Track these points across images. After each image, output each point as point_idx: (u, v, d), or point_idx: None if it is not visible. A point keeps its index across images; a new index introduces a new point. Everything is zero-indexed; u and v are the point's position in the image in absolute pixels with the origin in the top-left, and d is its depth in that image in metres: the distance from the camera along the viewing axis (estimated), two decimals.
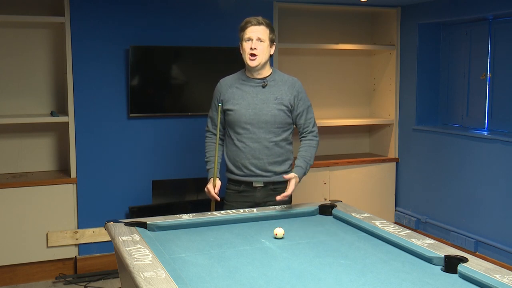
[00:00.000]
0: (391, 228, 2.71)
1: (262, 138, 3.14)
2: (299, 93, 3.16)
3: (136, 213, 4.34)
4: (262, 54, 3.05)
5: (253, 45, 3.02)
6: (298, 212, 3.10)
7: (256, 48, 3.02)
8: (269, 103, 3.11)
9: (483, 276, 2.08)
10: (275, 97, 3.12)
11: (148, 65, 4.44)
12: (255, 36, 3.03)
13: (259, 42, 3.03)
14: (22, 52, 4.38)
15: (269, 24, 3.08)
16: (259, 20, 3.05)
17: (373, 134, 5.66)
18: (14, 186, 4.13)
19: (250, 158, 3.16)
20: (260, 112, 3.11)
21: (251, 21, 3.04)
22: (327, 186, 5.06)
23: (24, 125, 4.39)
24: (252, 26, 3.03)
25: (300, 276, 2.21)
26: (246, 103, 3.13)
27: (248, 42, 3.04)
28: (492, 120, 4.63)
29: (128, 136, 4.44)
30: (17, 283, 4.21)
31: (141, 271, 2.09)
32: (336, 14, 5.37)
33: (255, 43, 3.02)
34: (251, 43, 3.02)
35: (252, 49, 3.02)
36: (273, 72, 3.19)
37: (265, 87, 3.13)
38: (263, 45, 3.04)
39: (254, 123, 3.12)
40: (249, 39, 3.03)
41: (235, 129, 3.18)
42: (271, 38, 3.09)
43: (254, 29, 3.03)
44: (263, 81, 3.14)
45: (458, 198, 4.71)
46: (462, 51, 4.88)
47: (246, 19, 3.08)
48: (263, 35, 3.03)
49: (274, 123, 3.13)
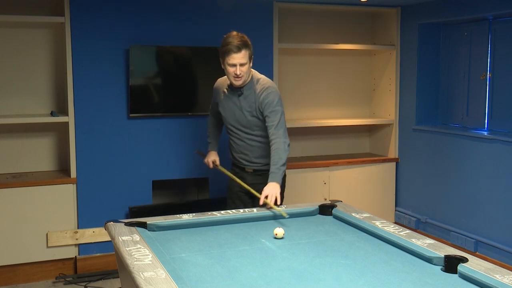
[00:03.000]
0: (391, 228, 2.71)
1: (244, 138, 3.53)
2: (263, 99, 3.37)
3: (136, 213, 4.34)
4: (245, 75, 3.35)
5: (237, 71, 3.29)
6: (298, 212, 3.11)
7: (240, 72, 3.30)
8: (244, 111, 3.46)
9: (483, 276, 2.08)
10: (248, 105, 3.44)
11: (148, 65, 4.44)
12: (237, 62, 3.28)
13: (242, 66, 3.30)
14: (22, 52, 4.38)
15: (246, 43, 3.31)
16: (238, 45, 3.26)
17: (373, 134, 5.66)
18: (14, 186, 4.12)
19: (238, 153, 3.61)
20: (239, 117, 3.49)
21: (232, 49, 3.25)
22: (327, 186, 5.06)
23: (24, 125, 4.39)
24: (233, 53, 3.26)
25: (300, 276, 2.21)
26: (229, 109, 3.52)
27: (232, 67, 3.30)
28: (492, 120, 4.63)
29: (128, 136, 4.44)
30: (17, 283, 4.21)
31: (141, 271, 2.09)
32: (336, 14, 5.37)
33: (239, 69, 3.29)
34: (235, 69, 3.29)
35: (238, 74, 3.30)
36: (250, 80, 3.44)
37: (241, 96, 3.44)
38: (245, 67, 3.32)
39: (237, 126, 3.53)
40: (233, 65, 3.29)
41: (227, 128, 3.63)
42: (250, 56, 3.35)
43: (236, 56, 3.27)
44: (240, 91, 3.44)
45: (458, 198, 4.71)
46: (462, 51, 4.88)
47: (227, 45, 3.27)
48: (244, 59, 3.29)
49: (251, 126, 3.48)
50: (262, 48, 4.75)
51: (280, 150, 3.30)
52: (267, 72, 4.74)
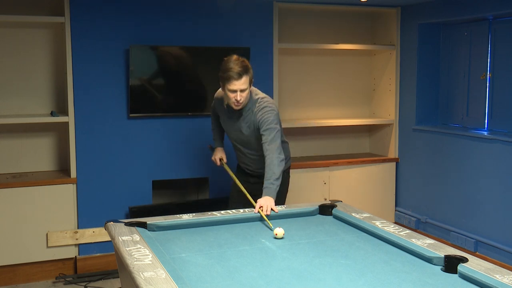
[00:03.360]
0: (391, 228, 2.71)
1: (246, 152, 3.61)
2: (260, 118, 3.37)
3: (136, 213, 4.34)
4: (245, 100, 3.34)
5: (237, 97, 3.28)
6: (298, 212, 3.11)
7: (240, 98, 3.29)
8: (243, 130, 3.48)
9: (483, 276, 2.08)
10: (246, 125, 3.46)
11: (148, 65, 4.44)
12: (238, 88, 3.26)
13: (242, 92, 3.28)
14: (22, 52, 4.38)
15: (247, 68, 3.28)
16: (239, 72, 3.24)
17: (373, 134, 5.66)
18: (14, 186, 4.12)
19: (241, 161, 3.73)
20: (240, 135, 3.53)
21: (232, 76, 3.23)
22: (327, 186, 5.06)
23: (24, 125, 4.39)
24: (234, 80, 3.24)
25: (300, 276, 2.21)
26: (230, 126, 3.57)
27: (233, 93, 3.28)
28: (492, 120, 4.63)
29: (128, 136, 4.44)
30: (17, 283, 4.21)
31: (141, 271, 2.09)
32: (336, 14, 5.37)
33: (239, 95, 3.28)
34: (235, 95, 3.28)
35: (238, 100, 3.30)
36: (250, 100, 3.41)
37: (240, 118, 3.46)
38: (245, 92, 3.31)
39: (238, 142, 3.59)
40: (234, 91, 3.28)
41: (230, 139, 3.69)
42: (251, 80, 3.33)
43: (237, 83, 3.25)
44: (239, 112, 3.44)
45: (458, 198, 4.71)
46: (462, 51, 4.88)
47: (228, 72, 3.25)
48: (245, 85, 3.27)
49: (252, 143, 3.52)
50: (262, 48, 4.75)
51: (273, 165, 3.26)
52: (267, 72, 4.77)
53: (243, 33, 4.70)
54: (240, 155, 3.68)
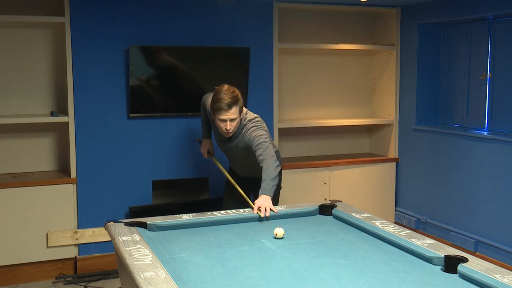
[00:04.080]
0: (391, 228, 2.71)
1: (237, 161, 3.73)
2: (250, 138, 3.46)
3: (136, 213, 4.34)
4: (235, 128, 3.47)
5: (228, 126, 3.42)
6: (298, 212, 3.11)
7: (230, 128, 3.43)
8: (234, 149, 3.61)
9: (483, 276, 2.08)
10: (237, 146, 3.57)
11: (148, 65, 4.44)
12: (228, 118, 3.40)
13: (232, 121, 3.42)
14: (22, 52, 4.38)
15: (236, 99, 3.39)
16: (229, 103, 3.35)
17: (373, 134, 5.66)
18: (14, 186, 4.12)
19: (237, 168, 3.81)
20: (229, 150, 3.66)
21: (222, 107, 3.36)
22: (327, 186, 5.06)
23: (24, 125, 4.39)
24: (224, 111, 3.37)
25: (300, 276, 2.21)
26: (220, 141, 3.69)
27: (223, 123, 3.42)
28: (492, 120, 4.63)
29: (128, 136, 4.44)
30: (17, 283, 4.21)
31: (141, 271, 2.09)
32: (336, 14, 5.37)
33: (229, 124, 3.42)
34: (225, 124, 3.42)
35: (228, 129, 3.43)
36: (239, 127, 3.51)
37: (230, 139, 3.57)
38: (235, 121, 3.44)
39: (230, 155, 3.71)
40: (224, 121, 3.41)
41: None
42: (240, 109, 3.45)
43: (226, 114, 3.38)
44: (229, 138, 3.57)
45: (458, 198, 4.71)
46: (462, 51, 4.88)
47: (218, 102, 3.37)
48: (234, 115, 3.41)
49: (245, 158, 3.61)
50: (262, 48, 4.75)
51: (269, 169, 3.30)
52: (267, 72, 4.77)
53: (243, 33, 4.70)
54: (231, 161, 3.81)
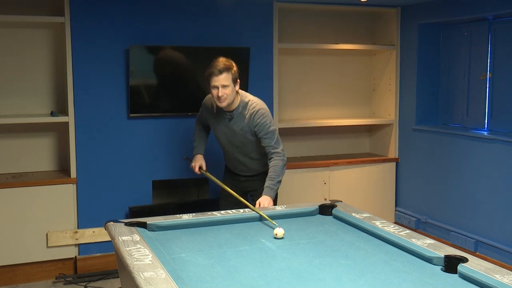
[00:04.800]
0: (391, 228, 2.71)
1: (238, 155, 3.67)
2: (257, 124, 3.50)
3: (136, 213, 4.34)
4: (228, 96, 3.44)
5: (219, 93, 3.41)
6: (298, 212, 3.11)
7: (223, 94, 3.41)
8: (236, 133, 3.57)
9: (483, 276, 2.08)
10: (240, 128, 3.54)
11: (148, 65, 4.44)
12: (219, 84, 3.40)
13: (224, 88, 3.41)
14: (22, 52, 4.38)
15: (230, 67, 3.43)
16: (220, 69, 3.40)
17: (373, 134, 5.66)
18: (14, 186, 4.12)
19: (233, 167, 3.77)
20: (231, 139, 3.61)
21: (213, 72, 3.41)
22: (327, 186, 5.06)
23: (24, 125, 4.39)
24: (215, 76, 3.40)
25: (300, 276, 2.21)
26: (220, 130, 3.64)
27: (215, 89, 3.42)
28: (492, 120, 4.63)
29: (128, 136, 4.44)
30: (17, 283, 4.21)
31: (141, 271, 2.09)
32: (336, 14, 5.37)
33: (221, 90, 3.41)
34: (217, 91, 3.41)
35: (220, 96, 3.41)
36: (239, 103, 3.53)
37: (231, 121, 3.54)
38: (228, 89, 3.42)
39: (229, 146, 3.65)
40: (216, 87, 3.41)
41: (219, 144, 3.74)
42: (234, 79, 3.45)
43: (217, 79, 3.40)
44: (230, 114, 3.54)
45: (458, 198, 4.71)
46: (462, 51, 4.88)
47: (210, 69, 3.43)
48: (226, 81, 3.40)
49: (244, 146, 3.61)
50: (262, 48, 4.75)
51: (278, 168, 3.44)
52: (267, 72, 4.77)
53: (243, 33, 4.70)
54: (231, 158, 3.74)
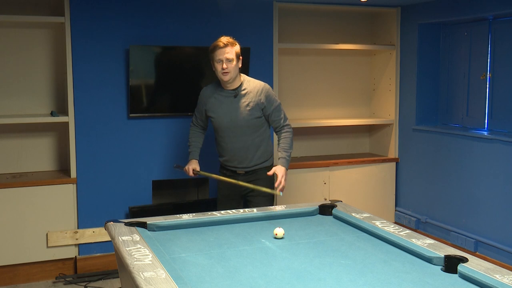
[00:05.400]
0: (391, 228, 2.71)
1: (241, 140, 3.64)
2: (265, 96, 3.61)
3: (136, 213, 4.34)
4: (232, 71, 3.53)
5: (224, 65, 3.50)
6: (298, 212, 3.11)
7: (227, 67, 3.50)
8: (241, 111, 3.59)
9: (483, 276, 2.08)
10: (246, 105, 3.58)
11: (148, 65, 4.44)
12: (224, 57, 3.50)
13: (228, 62, 3.51)
14: (22, 52, 4.38)
15: (234, 43, 3.56)
16: (225, 42, 3.52)
17: (373, 134, 5.66)
18: (14, 186, 4.12)
19: (233, 155, 3.68)
20: (235, 119, 3.60)
21: (218, 45, 3.52)
22: (327, 186, 5.06)
23: (24, 125, 4.39)
24: (219, 49, 3.51)
25: (300, 276, 2.21)
26: (223, 112, 3.63)
27: (219, 63, 3.52)
28: (492, 120, 4.63)
29: (128, 136, 4.44)
30: (17, 283, 4.21)
31: (141, 271, 2.10)
32: (336, 14, 5.37)
33: (226, 63, 3.50)
34: (221, 64, 3.51)
35: (224, 68, 3.50)
36: (243, 82, 3.65)
37: (237, 97, 3.60)
38: (232, 63, 3.52)
39: (231, 128, 3.63)
40: (220, 61, 3.51)
41: (218, 132, 3.71)
42: (237, 55, 3.56)
43: (222, 52, 3.51)
44: (235, 92, 3.61)
45: (458, 198, 4.71)
46: (462, 51, 4.88)
47: (214, 43, 3.55)
48: (230, 55, 3.51)
49: (248, 126, 3.61)
50: (262, 48, 4.75)
51: (290, 139, 3.64)
52: (267, 72, 4.77)
53: (243, 33, 4.69)
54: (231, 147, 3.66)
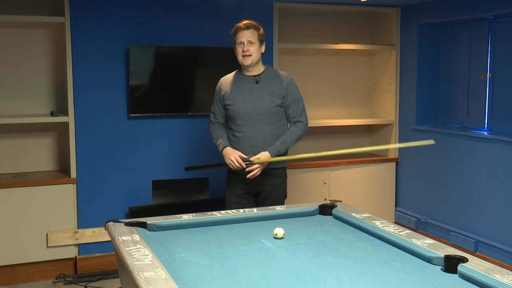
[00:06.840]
0: (391, 228, 2.71)
1: (258, 128, 3.51)
2: (288, 86, 3.54)
3: (136, 213, 4.34)
4: (254, 54, 3.45)
5: (245, 48, 3.43)
6: (298, 212, 3.11)
7: (248, 49, 3.43)
8: (263, 97, 3.49)
9: (483, 276, 2.08)
10: (268, 91, 3.50)
11: (148, 65, 4.44)
12: (245, 39, 3.43)
13: (250, 44, 3.43)
14: (22, 52, 4.38)
15: (257, 26, 3.48)
16: (247, 24, 3.45)
17: (373, 134, 5.66)
18: (14, 186, 4.12)
19: (248, 146, 3.52)
20: (255, 105, 3.49)
21: (240, 26, 3.45)
22: (327, 186, 5.06)
23: (24, 125, 4.39)
24: (241, 31, 3.44)
25: (300, 276, 2.21)
26: (243, 98, 3.51)
27: (240, 45, 3.45)
28: (492, 120, 4.63)
29: (128, 136, 4.44)
30: (17, 283, 4.21)
31: (141, 271, 2.09)
32: (336, 14, 5.37)
33: (247, 46, 3.43)
34: (243, 46, 3.44)
35: (245, 51, 3.43)
36: (265, 69, 3.57)
37: (259, 83, 3.51)
38: (254, 46, 3.44)
39: (251, 115, 3.50)
40: (241, 43, 3.44)
41: (235, 121, 3.55)
42: (260, 39, 3.48)
43: (244, 34, 3.43)
44: (257, 78, 3.52)
45: (458, 198, 4.71)
46: (462, 51, 4.88)
47: (235, 25, 3.49)
48: (252, 37, 3.44)
49: (268, 114, 3.50)
50: None
51: (294, 135, 3.52)
52: None
53: None
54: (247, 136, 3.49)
